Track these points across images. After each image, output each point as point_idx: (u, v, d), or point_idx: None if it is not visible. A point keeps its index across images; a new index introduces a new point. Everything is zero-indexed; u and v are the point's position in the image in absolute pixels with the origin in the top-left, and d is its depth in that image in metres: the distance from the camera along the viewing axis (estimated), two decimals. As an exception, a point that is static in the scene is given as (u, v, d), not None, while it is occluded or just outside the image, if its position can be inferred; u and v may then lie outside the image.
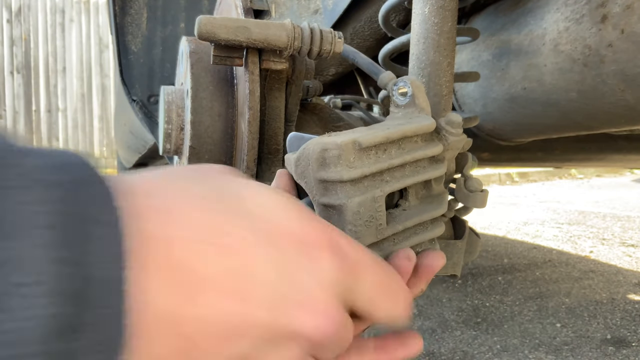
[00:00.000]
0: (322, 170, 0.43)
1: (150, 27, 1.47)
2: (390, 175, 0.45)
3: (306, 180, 0.44)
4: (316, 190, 0.43)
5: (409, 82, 0.52)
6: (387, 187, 0.44)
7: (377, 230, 0.43)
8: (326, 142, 0.43)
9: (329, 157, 0.42)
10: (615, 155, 1.71)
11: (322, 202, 0.43)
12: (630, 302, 2.32)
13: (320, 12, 0.99)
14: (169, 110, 0.79)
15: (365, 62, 0.65)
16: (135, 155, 3.15)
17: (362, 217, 0.42)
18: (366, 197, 0.42)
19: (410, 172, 0.47)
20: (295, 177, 0.46)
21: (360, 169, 0.42)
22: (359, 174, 0.42)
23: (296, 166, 0.45)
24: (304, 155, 0.44)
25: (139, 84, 1.45)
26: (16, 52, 8.30)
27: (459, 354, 1.81)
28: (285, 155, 0.48)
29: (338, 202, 0.42)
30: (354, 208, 0.42)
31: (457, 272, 0.59)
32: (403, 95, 0.52)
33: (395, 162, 0.45)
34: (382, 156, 0.44)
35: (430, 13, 0.62)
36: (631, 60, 0.65)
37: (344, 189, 0.42)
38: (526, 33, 0.81)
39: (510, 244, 3.59)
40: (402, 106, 0.52)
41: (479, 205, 0.58)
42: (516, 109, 0.91)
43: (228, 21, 0.62)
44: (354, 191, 0.42)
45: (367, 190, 0.43)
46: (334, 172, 0.42)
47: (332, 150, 0.42)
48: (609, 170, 8.87)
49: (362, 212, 0.42)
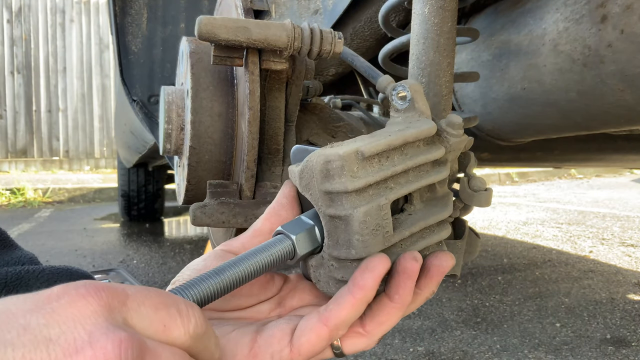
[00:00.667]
0: (327, 182, 0.43)
1: (151, 27, 1.48)
2: (394, 182, 0.45)
3: (311, 192, 0.44)
4: (322, 202, 0.44)
5: (407, 86, 0.52)
6: (391, 195, 0.44)
7: (385, 237, 0.43)
8: (328, 153, 0.43)
9: (333, 168, 0.42)
10: (614, 155, 1.71)
11: (329, 214, 0.43)
12: (630, 302, 2.33)
13: (320, 12, 0.99)
14: (169, 110, 0.79)
15: (364, 66, 0.65)
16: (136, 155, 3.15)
17: (368, 226, 0.42)
18: (372, 205, 0.43)
19: (414, 177, 0.47)
20: (300, 189, 0.46)
21: (365, 179, 0.42)
22: (363, 183, 0.42)
23: (300, 178, 0.45)
24: (307, 167, 0.44)
25: (139, 84, 1.45)
26: (16, 52, 8.30)
27: (459, 353, 1.82)
28: (289, 167, 0.48)
29: (344, 213, 0.42)
30: (361, 218, 0.42)
31: (457, 272, 0.59)
32: (402, 100, 0.52)
33: (398, 169, 0.45)
34: (385, 164, 0.45)
35: (430, 13, 0.62)
36: (631, 60, 0.66)
37: (349, 199, 0.42)
38: (526, 33, 0.81)
39: (509, 244, 3.59)
40: (401, 110, 0.52)
41: (484, 204, 0.58)
42: (516, 109, 0.91)
43: (228, 21, 0.62)
44: (360, 201, 0.42)
45: (372, 199, 0.43)
46: (339, 183, 0.42)
47: (335, 162, 0.42)
48: (608, 170, 8.87)
49: (369, 221, 0.42)
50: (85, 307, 0.31)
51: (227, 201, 0.72)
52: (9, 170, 8.31)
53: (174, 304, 0.35)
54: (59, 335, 0.30)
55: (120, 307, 0.33)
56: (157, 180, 4.79)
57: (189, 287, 0.39)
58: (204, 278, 0.40)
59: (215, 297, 0.40)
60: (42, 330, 0.29)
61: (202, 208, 0.71)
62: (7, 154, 8.35)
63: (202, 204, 0.72)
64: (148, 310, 0.34)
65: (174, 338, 0.34)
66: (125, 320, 0.33)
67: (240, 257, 0.42)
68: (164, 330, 0.34)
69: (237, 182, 0.75)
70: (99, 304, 0.32)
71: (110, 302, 0.32)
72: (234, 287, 0.41)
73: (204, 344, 0.36)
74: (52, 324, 0.30)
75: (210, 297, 0.39)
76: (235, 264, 0.41)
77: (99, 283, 0.33)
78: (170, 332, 0.34)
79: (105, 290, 0.33)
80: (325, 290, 0.46)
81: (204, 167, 0.77)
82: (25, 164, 8.42)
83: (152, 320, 0.34)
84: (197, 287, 0.39)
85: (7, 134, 8.31)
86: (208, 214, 0.71)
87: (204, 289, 0.39)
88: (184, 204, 0.83)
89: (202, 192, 0.77)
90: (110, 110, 8.65)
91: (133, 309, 0.33)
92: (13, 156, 8.39)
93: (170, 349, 0.33)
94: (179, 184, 0.88)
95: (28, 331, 0.29)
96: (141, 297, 0.34)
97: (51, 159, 8.55)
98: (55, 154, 8.59)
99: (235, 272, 0.41)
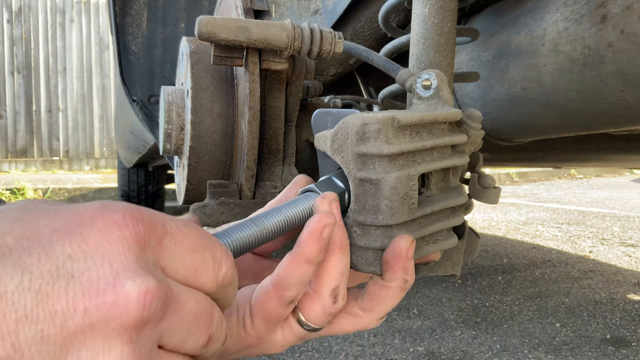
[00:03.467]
0: (362, 144, 0.43)
1: (151, 27, 1.48)
2: (421, 157, 0.46)
3: (343, 154, 0.45)
4: (353, 164, 0.44)
5: (434, 74, 0.53)
6: (420, 168, 0.45)
7: (410, 209, 0.44)
8: (366, 116, 0.43)
9: (370, 131, 0.43)
10: (614, 155, 1.71)
11: (360, 177, 0.44)
12: (630, 302, 2.33)
13: (320, 12, 0.99)
14: (169, 110, 0.79)
15: (381, 60, 0.66)
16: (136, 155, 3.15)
17: (398, 193, 0.43)
18: (403, 173, 0.43)
19: (438, 157, 0.48)
20: (330, 153, 0.46)
21: (399, 146, 0.43)
22: (397, 150, 0.43)
23: (333, 141, 0.46)
24: (342, 129, 0.45)
25: (139, 84, 1.45)
26: (16, 52, 8.29)
27: (459, 353, 1.81)
28: (319, 133, 0.48)
29: (376, 177, 0.43)
30: (392, 183, 0.42)
31: (457, 271, 0.59)
32: (427, 88, 0.53)
33: (428, 143, 0.46)
34: (415, 137, 0.46)
35: (430, 13, 0.62)
36: (631, 60, 0.66)
37: (382, 163, 0.43)
38: (526, 33, 0.81)
39: (509, 244, 3.59)
40: (425, 98, 0.53)
41: (492, 201, 0.59)
42: (516, 109, 0.91)
43: (228, 21, 0.62)
44: (392, 167, 0.43)
45: (402, 168, 0.44)
46: (374, 146, 0.43)
47: (373, 125, 0.43)
48: (608, 170, 8.87)
49: (399, 188, 0.43)
50: (118, 241, 0.28)
51: (227, 201, 0.72)
52: (9, 170, 8.31)
53: (210, 248, 0.33)
54: (83, 271, 0.27)
55: (155, 245, 0.30)
56: (157, 180, 4.79)
57: (229, 233, 0.38)
58: (243, 226, 0.39)
59: (250, 248, 0.39)
60: (65, 262, 0.27)
61: (202, 208, 0.71)
62: (7, 154, 8.35)
63: (202, 204, 0.72)
64: (184, 251, 0.31)
65: (202, 284, 0.32)
66: (157, 261, 0.30)
67: (274, 210, 0.42)
68: (194, 275, 0.32)
69: (237, 182, 0.75)
70: (135, 239, 0.29)
71: (147, 239, 0.29)
72: (268, 240, 0.40)
73: (226, 292, 0.34)
74: (77, 256, 0.27)
75: (247, 247, 0.39)
76: (270, 215, 0.41)
77: (139, 211, 0.30)
78: (200, 277, 0.32)
79: (145, 223, 0.29)
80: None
81: (204, 167, 0.77)
82: (25, 164, 8.41)
83: (185, 263, 0.31)
84: (235, 234, 0.38)
85: (7, 134, 8.31)
86: (208, 214, 0.71)
87: (242, 237, 0.39)
88: (184, 204, 0.83)
89: (202, 192, 0.77)
90: (110, 110, 8.64)
91: (168, 248, 0.31)
92: (13, 156, 8.38)
93: (195, 296, 0.31)
94: (179, 184, 0.88)
95: (50, 259, 0.26)
96: (180, 236, 0.31)
97: (51, 159, 8.55)
98: (55, 154, 8.59)
99: (270, 223, 0.40)
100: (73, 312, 0.26)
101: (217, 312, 0.33)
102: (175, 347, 0.31)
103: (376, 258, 0.44)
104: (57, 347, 0.25)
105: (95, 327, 0.26)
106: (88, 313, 0.26)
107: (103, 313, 0.26)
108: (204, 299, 0.32)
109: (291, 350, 1.83)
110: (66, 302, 0.26)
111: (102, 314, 0.26)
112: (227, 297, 0.35)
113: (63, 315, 0.26)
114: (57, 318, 0.26)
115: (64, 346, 0.26)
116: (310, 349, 1.85)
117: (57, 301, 0.26)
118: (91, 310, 0.26)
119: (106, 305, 0.26)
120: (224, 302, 0.35)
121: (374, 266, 0.44)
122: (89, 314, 0.26)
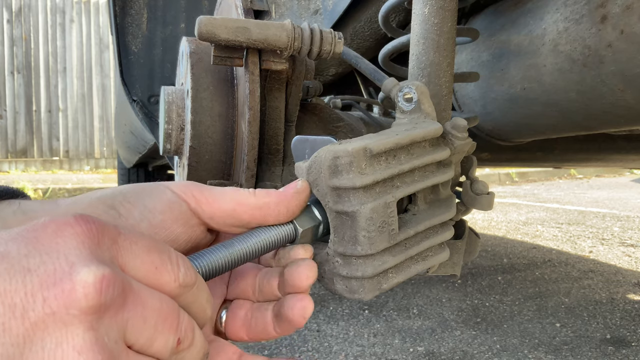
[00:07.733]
0: (335, 177, 0.43)
1: (151, 27, 1.48)
2: (400, 180, 0.46)
3: (318, 188, 0.45)
4: (329, 198, 0.44)
5: (414, 87, 0.52)
6: (398, 193, 0.45)
7: (390, 235, 0.44)
8: (337, 149, 0.43)
9: (341, 164, 0.43)
10: (614, 155, 1.71)
11: (336, 210, 0.44)
12: (630, 302, 2.33)
13: (320, 12, 0.99)
14: (169, 110, 0.79)
15: (368, 68, 0.66)
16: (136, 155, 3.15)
17: (375, 223, 0.43)
18: (378, 202, 0.43)
19: (420, 177, 0.48)
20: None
21: (372, 175, 0.43)
22: (371, 180, 0.43)
23: (308, 174, 0.46)
24: (315, 163, 0.45)
25: (139, 84, 1.45)
26: (16, 52, 8.30)
27: (459, 353, 1.82)
28: (296, 164, 0.48)
29: (351, 209, 0.42)
30: (367, 214, 0.42)
31: (456, 272, 0.60)
32: (408, 102, 0.53)
33: (405, 167, 0.46)
34: (392, 162, 0.45)
35: (430, 13, 0.62)
36: (631, 60, 0.66)
37: (356, 195, 0.43)
38: (526, 33, 0.81)
39: (509, 244, 3.59)
40: (407, 112, 0.53)
41: (486, 207, 0.58)
42: (516, 109, 0.91)
43: (228, 22, 0.62)
44: (367, 197, 0.43)
45: (379, 196, 0.43)
46: (347, 179, 0.43)
47: (344, 158, 0.43)
48: (608, 170, 8.87)
49: (375, 218, 0.43)
50: (71, 238, 0.29)
51: (227, 201, 0.72)
52: (9, 171, 8.31)
53: (166, 250, 0.34)
54: (39, 265, 0.28)
55: (110, 244, 0.31)
56: (157, 180, 4.80)
57: (198, 256, 0.39)
58: (215, 249, 0.40)
59: (221, 270, 0.40)
60: (20, 260, 0.28)
61: (202, 208, 0.71)
62: (7, 154, 8.35)
63: (202, 204, 0.72)
64: (140, 250, 0.32)
65: (164, 283, 0.33)
66: (114, 259, 0.31)
67: (246, 235, 0.42)
68: (154, 272, 0.32)
69: (237, 182, 0.75)
70: (88, 236, 0.30)
71: (100, 237, 0.30)
72: (239, 263, 0.41)
73: (194, 297, 0.35)
74: (33, 253, 0.28)
75: (217, 269, 0.39)
76: (241, 240, 0.41)
77: (90, 215, 0.31)
78: (160, 275, 0.32)
79: (96, 223, 0.30)
80: (329, 288, 0.46)
81: (204, 167, 0.77)
82: (26, 164, 8.42)
83: (144, 261, 0.32)
84: (205, 257, 0.39)
85: (7, 134, 8.31)
86: (208, 214, 0.71)
87: (212, 260, 0.39)
88: (184, 204, 0.83)
89: (202, 192, 0.77)
90: (110, 110, 8.65)
91: (124, 247, 0.32)
92: (13, 156, 8.39)
93: (158, 295, 0.32)
94: (179, 184, 0.88)
95: (5, 260, 0.27)
96: (134, 237, 0.32)
97: (51, 159, 8.55)
98: (55, 154, 8.59)
99: (241, 247, 0.41)
100: (32, 303, 0.27)
101: (185, 316, 0.34)
102: (142, 347, 0.31)
103: (360, 286, 0.44)
104: (20, 338, 0.26)
105: (55, 315, 0.27)
106: (47, 302, 0.27)
107: (62, 300, 0.27)
108: (168, 299, 0.33)
109: (291, 351, 1.83)
110: (25, 294, 0.27)
111: (61, 301, 0.27)
112: (197, 302, 0.35)
113: (23, 307, 0.27)
114: (17, 310, 0.26)
115: (27, 337, 0.26)
116: (311, 349, 1.85)
117: (15, 295, 0.27)
118: (50, 299, 0.27)
119: (64, 293, 0.27)
120: (196, 307, 0.35)
121: (359, 294, 0.44)
122: (49, 303, 0.27)
